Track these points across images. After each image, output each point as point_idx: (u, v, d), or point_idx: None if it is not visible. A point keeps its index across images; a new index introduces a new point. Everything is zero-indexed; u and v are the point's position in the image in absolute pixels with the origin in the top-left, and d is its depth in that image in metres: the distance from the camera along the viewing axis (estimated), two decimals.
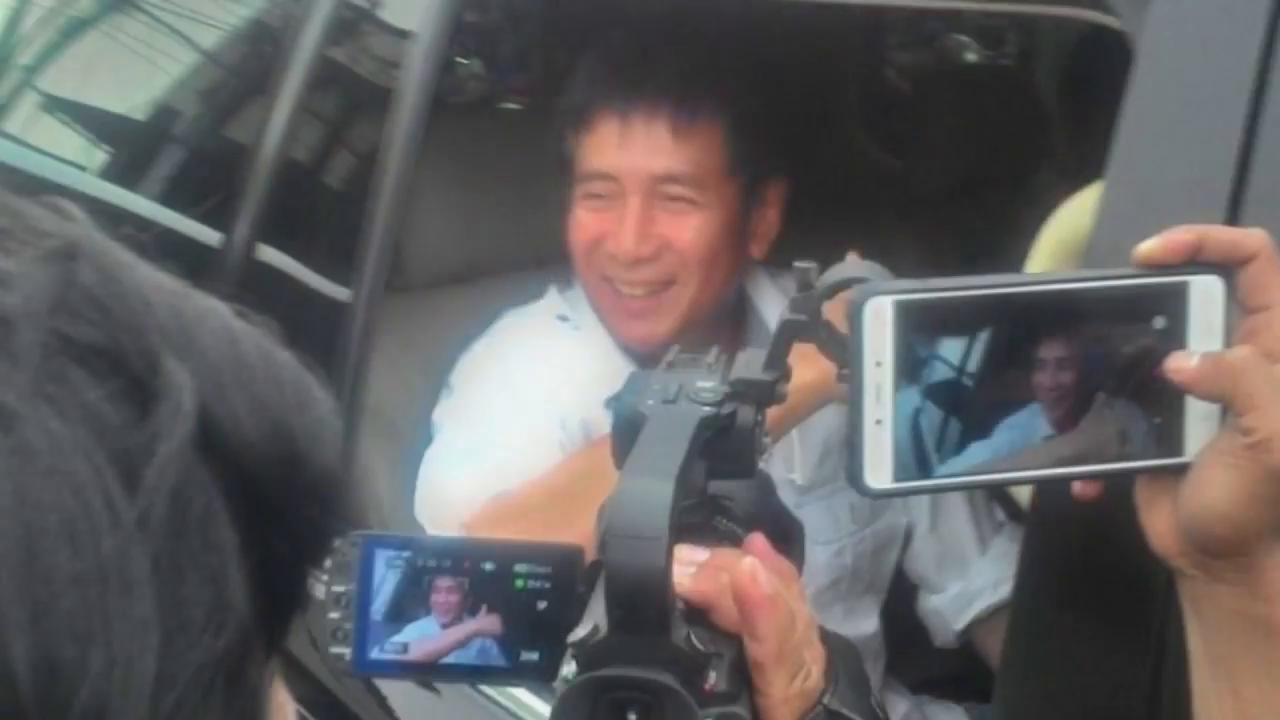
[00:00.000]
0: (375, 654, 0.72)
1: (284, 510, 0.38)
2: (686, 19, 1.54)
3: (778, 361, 0.74)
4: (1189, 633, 0.73)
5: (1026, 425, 0.71)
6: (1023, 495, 1.02)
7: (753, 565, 0.67)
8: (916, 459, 0.70)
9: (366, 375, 1.57)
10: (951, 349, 0.70)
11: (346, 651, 0.72)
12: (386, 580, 0.72)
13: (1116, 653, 0.86)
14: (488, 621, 0.72)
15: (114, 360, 0.35)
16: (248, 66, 2.06)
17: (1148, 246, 0.71)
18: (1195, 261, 0.70)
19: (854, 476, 0.69)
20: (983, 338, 0.70)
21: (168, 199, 2.06)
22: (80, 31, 2.53)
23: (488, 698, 1.35)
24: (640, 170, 1.48)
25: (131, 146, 2.32)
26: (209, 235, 1.87)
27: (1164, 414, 0.72)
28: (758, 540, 0.72)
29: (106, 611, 0.33)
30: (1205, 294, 0.71)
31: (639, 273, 1.49)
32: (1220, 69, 0.86)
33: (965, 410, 0.70)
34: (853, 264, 0.75)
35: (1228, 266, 0.70)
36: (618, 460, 0.69)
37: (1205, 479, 0.69)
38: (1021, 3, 1.08)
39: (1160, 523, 0.72)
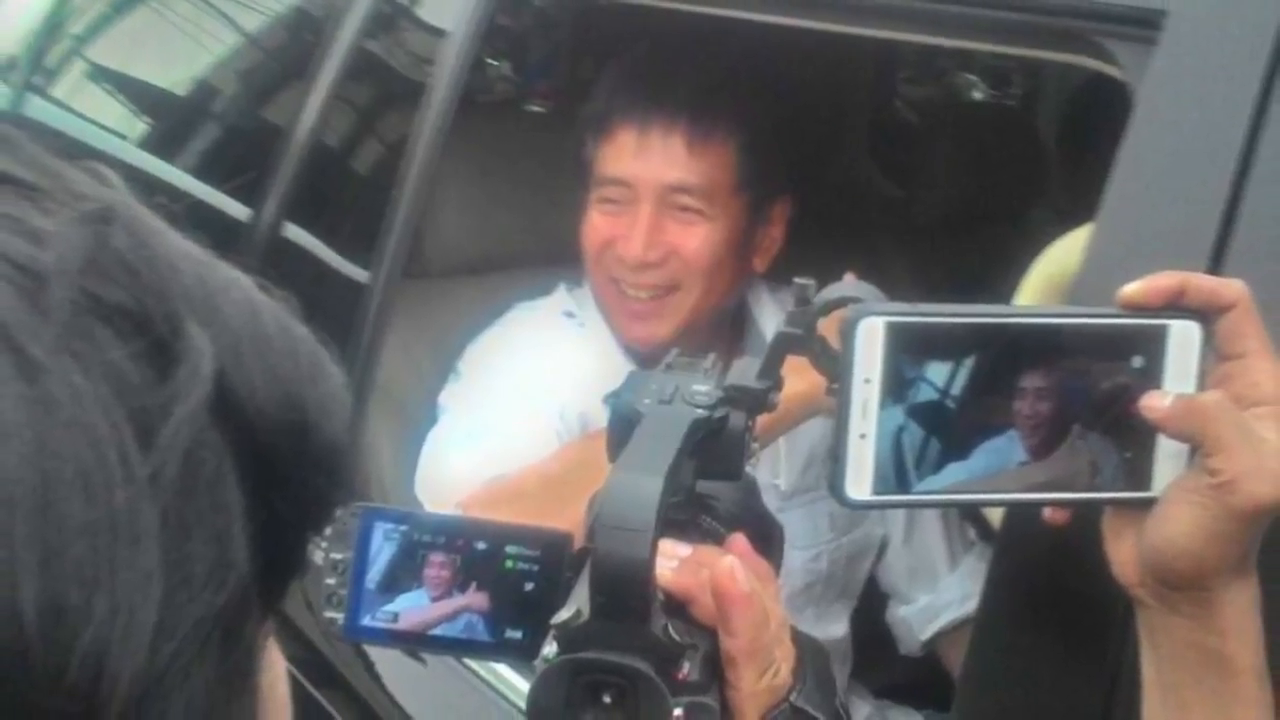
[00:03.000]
0: (367, 621, 0.72)
1: (290, 477, 0.38)
2: (708, 39, 1.55)
3: (771, 371, 0.74)
4: (1144, 660, 0.73)
5: (1003, 450, 0.71)
6: (994, 516, 1.02)
7: (732, 563, 0.67)
8: (896, 474, 0.70)
9: (379, 355, 1.57)
10: (937, 372, 0.70)
11: (340, 616, 0.72)
12: (383, 551, 0.72)
13: (1073, 674, 0.86)
14: (476, 598, 0.72)
15: (139, 322, 0.35)
16: (288, 52, 2.06)
17: (1131, 289, 0.71)
18: (1176, 306, 0.70)
19: (835, 486, 0.69)
20: (968, 363, 0.70)
21: (201, 172, 2.06)
22: (130, 6, 2.53)
23: (470, 670, 1.35)
24: (654, 179, 1.48)
25: (171, 120, 2.32)
26: (238, 210, 1.87)
27: (1135, 449, 0.72)
28: (739, 540, 0.72)
29: (114, 561, 0.33)
30: (1183, 338, 0.71)
31: (645, 276, 1.49)
32: (1213, 124, 0.86)
33: (946, 431, 0.70)
34: (849, 284, 0.75)
35: (1206, 313, 0.70)
36: (611, 454, 0.69)
37: (1170, 514, 0.69)
38: (1027, 47, 1.08)
39: (1124, 553, 0.72)
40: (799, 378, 0.78)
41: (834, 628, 1.68)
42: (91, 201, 0.37)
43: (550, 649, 0.63)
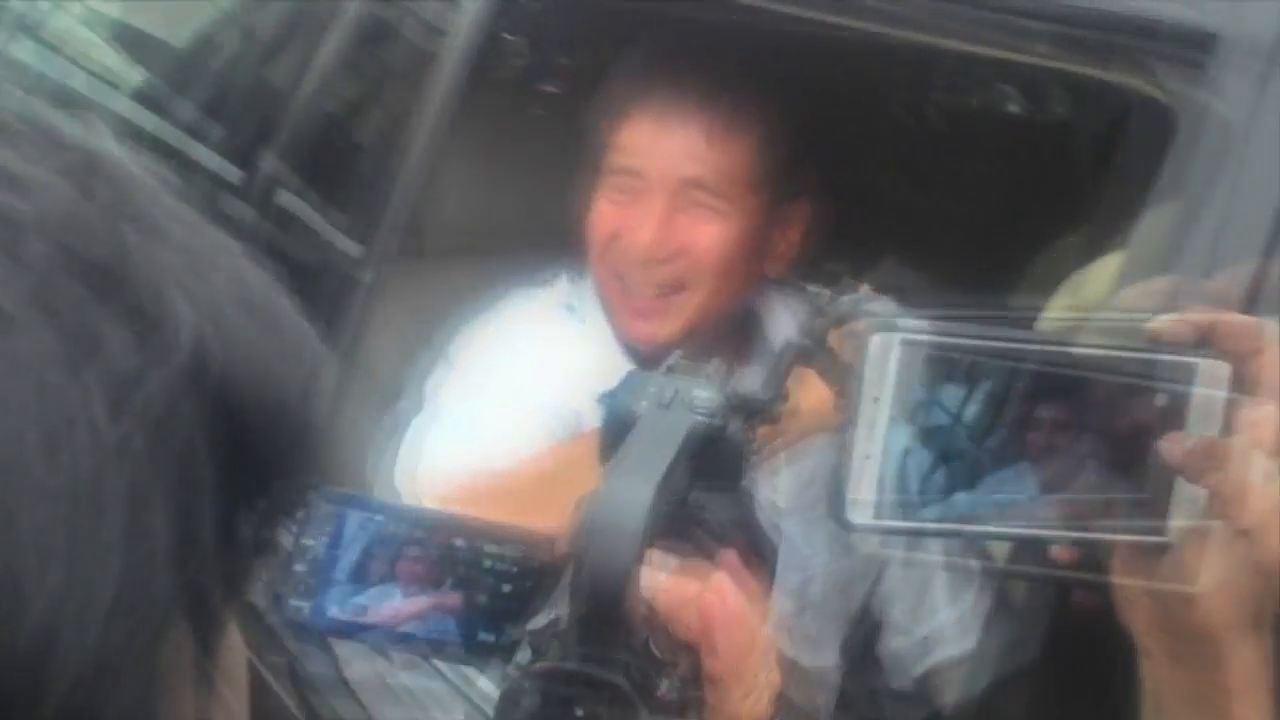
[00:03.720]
0: (333, 612, 0.72)
1: (263, 457, 0.38)
2: (736, 27, 1.54)
3: (777, 381, 0.74)
4: (1144, 711, 0.73)
5: (1014, 482, 0.71)
6: (1000, 550, 1.02)
7: (721, 580, 0.67)
8: (900, 500, 0.70)
9: (367, 334, 1.57)
10: (951, 395, 0.69)
11: (305, 605, 0.72)
12: (356, 541, 0.72)
13: (1074, 717, 0.86)
14: (450, 597, 0.72)
15: (117, 282, 0.35)
16: (295, 10, 2.06)
17: (1160, 323, 0.71)
18: (1206, 344, 0.70)
19: (835, 508, 0.69)
20: (984, 389, 0.70)
21: (195, 130, 2.06)
22: None
23: (437, 672, 1.35)
24: (669, 170, 1.47)
25: (168, 73, 2.32)
26: (231, 172, 1.87)
27: (1152, 490, 0.72)
28: (730, 557, 0.72)
29: (73, 531, 0.33)
30: (1210, 378, 0.70)
31: (652, 272, 1.49)
32: (1256, 158, 0.86)
33: (955, 458, 0.70)
34: (865, 296, 0.75)
35: (1237, 355, 0.70)
36: (603, 456, 0.69)
37: (1184, 562, 0.69)
38: (1072, 62, 1.08)
39: (1133, 599, 0.72)
40: (806, 391, 0.78)
41: (824, 655, 1.68)
42: (78, 152, 0.37)
43: (524, 656, 0.63)
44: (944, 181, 2.26)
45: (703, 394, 0.72)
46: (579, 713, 0.62)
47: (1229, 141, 0.89)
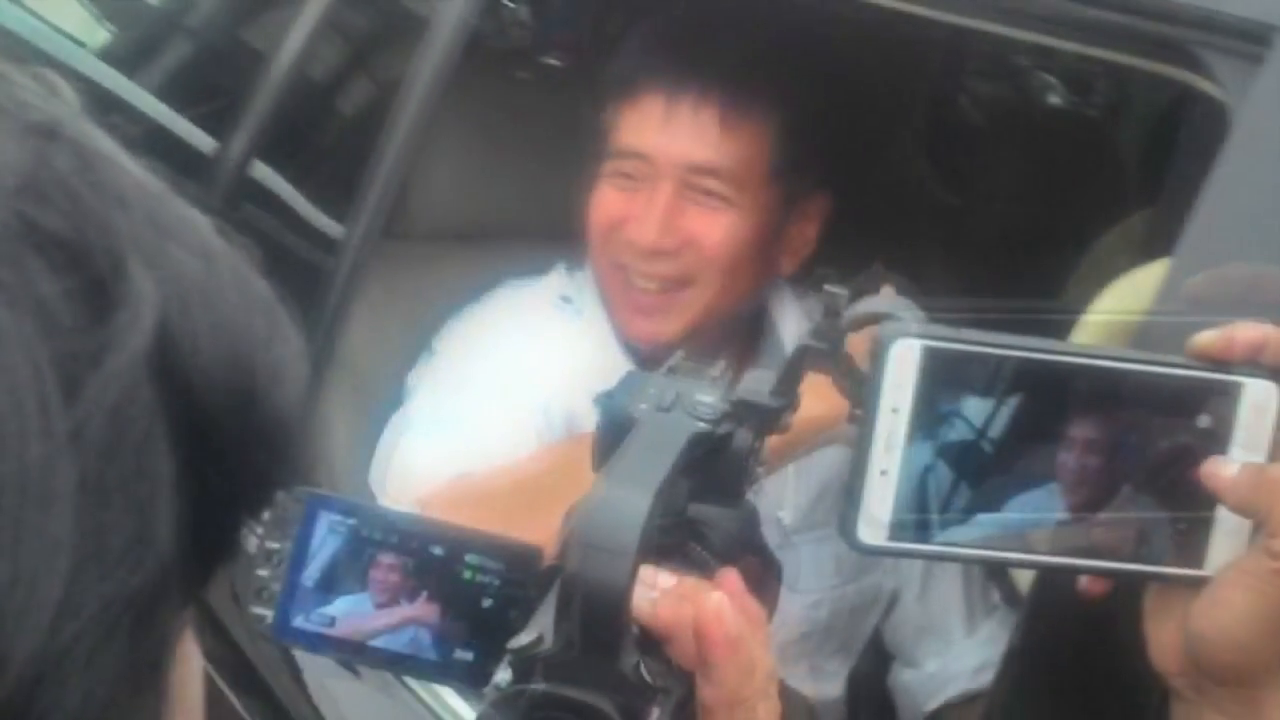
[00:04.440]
0: (299, 622, 0.72)
1: (229, 450, 0.38)
2: (759, 6, 1.54)
3: (787, 388, 0.74)
4: None
5: (1041, 505, 0.71)
6: (1023, 579, 1.02)
7: (720, 602, 0.67)
8: (916, 520, 0.70)
9: (345, 320, 1.57)
10: (975, 409, 0.69)
11: (269, 614, 0.72)
12: (325, 545, 0.72)
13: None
14: (425, 609, 0.72)
15: (76, 256, 0.35)
16: None
17: (1206, 338, 0.71)
18: (1255, 363, 0.70)
19: (845, 527, 0.69)
20: (1011, 403, 0.70)
21: (166, 94, 2.05)
22: None
23: (410, 690, 1.35)
24: (679, 156, 1.47)
25: (138, 31, 2.32)
26: (203, 141, 1.87)
27: (1191, 521, 0.72)
28: (730, 576, 0.72)
29: (19, 523, 0.33)
30: (1259, 399, 0.70)
31: (656, 265, 1.49)
32: None
33: (978, 477, 0.70)
34: (886, 299, 0.75)
35: None
36: (597, 461, 0.69)
37: (1222, 598, 0.69)
38: (1116, 50, 1.08)
39: (1165, 636, 0.72)
40: (818, 398, 0.77)
41: (828, 686, 1.68)
42: (37, 113, 0.37)
43: (503, 676, 0.63)
44: (976, 177, 2.26)
45: (706, 398, 0.71)
46: None
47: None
